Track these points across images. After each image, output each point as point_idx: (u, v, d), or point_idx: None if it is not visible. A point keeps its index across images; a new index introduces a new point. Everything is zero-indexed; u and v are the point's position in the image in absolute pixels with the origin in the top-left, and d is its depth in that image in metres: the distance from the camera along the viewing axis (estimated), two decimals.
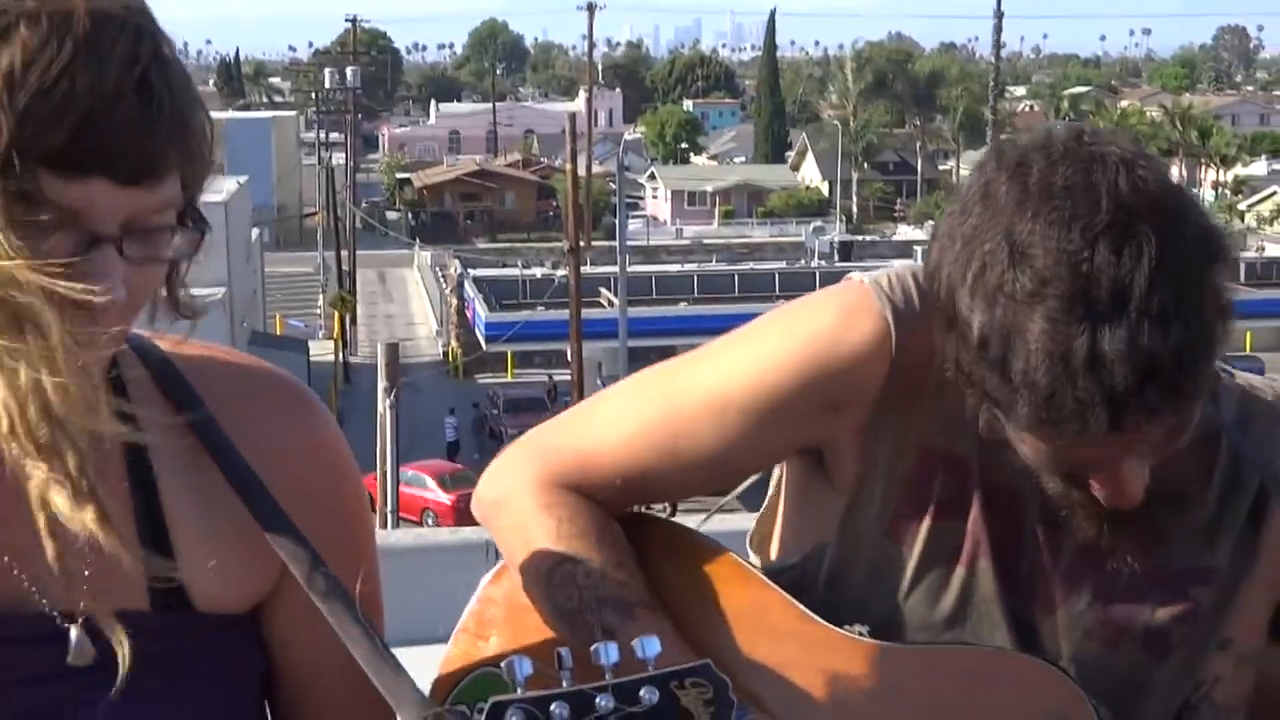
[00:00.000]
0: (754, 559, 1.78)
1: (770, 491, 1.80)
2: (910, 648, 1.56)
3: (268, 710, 1.44)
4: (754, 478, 1.75)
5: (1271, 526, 1.62)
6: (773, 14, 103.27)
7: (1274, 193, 72.70)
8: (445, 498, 30.37)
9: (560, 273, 39.87)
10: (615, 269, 33.61)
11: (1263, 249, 59.77)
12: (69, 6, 1.12)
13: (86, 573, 1.24)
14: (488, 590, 1.69)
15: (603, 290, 43.91)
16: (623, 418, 1.63)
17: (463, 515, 25.61)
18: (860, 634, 1.56)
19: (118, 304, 1.15)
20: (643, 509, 1.71)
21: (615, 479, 1.62)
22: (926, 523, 1.57)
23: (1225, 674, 1.63)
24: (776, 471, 1.77)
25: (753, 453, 1.62)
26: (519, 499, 1.63)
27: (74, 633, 1.23)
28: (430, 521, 28.67)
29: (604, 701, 1.12)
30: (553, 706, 1.11)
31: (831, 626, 1.56)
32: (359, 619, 1.27)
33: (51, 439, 1.11)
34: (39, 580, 1.24)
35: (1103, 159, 1.39)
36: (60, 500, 1.13)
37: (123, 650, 1.20)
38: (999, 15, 60.13)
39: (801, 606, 1.58)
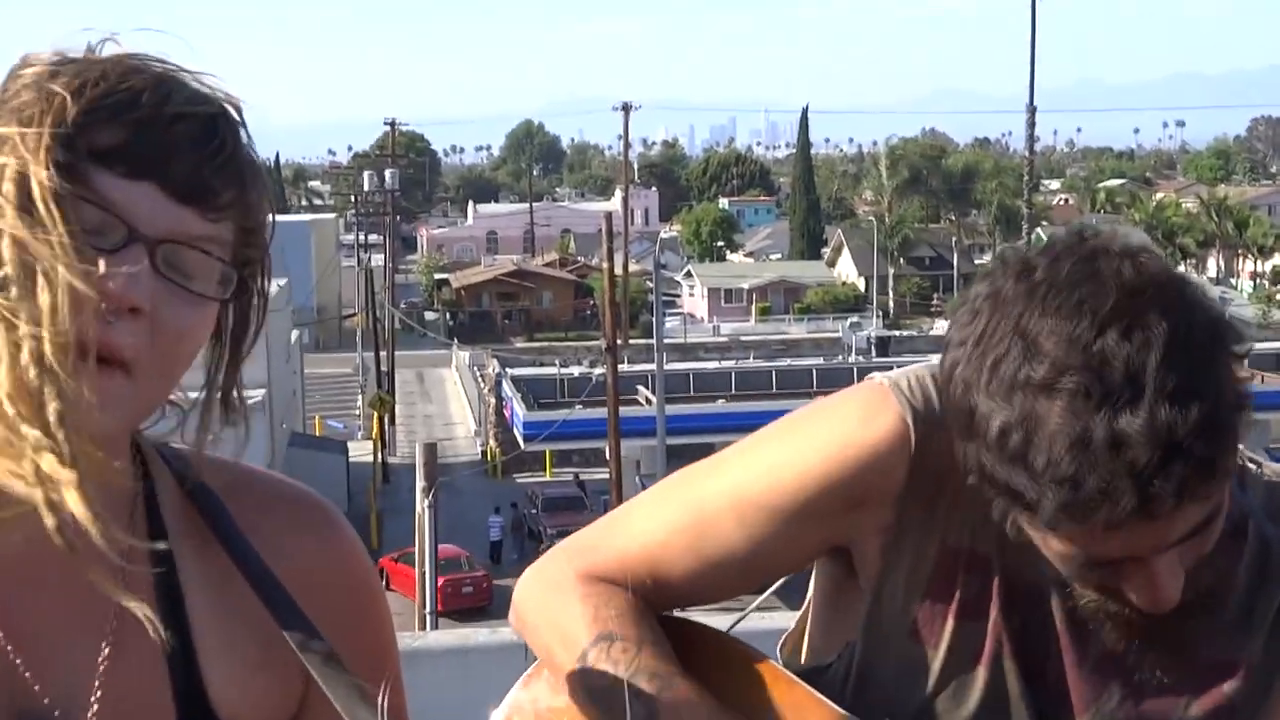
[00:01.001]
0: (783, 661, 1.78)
1: (808, 595, 1.80)
2: None
3: None
4: (786, 578, 1.75)
5: None
6: (805, 111, 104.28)
7: None
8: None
9: (598, 371, 39.90)
10: (653, 367, 33.71)
11: None
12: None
13: (97, 686, 1.23)
14: (517, 696, 1.68)
15: (640, 388, 43.95)
16: (653, 520, 1.65)
17: (447, 599, 26.60)
18: None
19: (142, 319, 1.16)
20: (677, 613, 1.71)
21: (647, 579, 1.63)
22: (950, 623, 1.57)
23: None
24: (813, 575, 1.77)
25: (778, 553, 1.63)
26: (555, 595, 1.64)
27: None
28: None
29: None
30: None
31: None
32: None
33: (40, 384, 1.10)
34: (61, 687, 1.23)
35: (1105, 251, 1.40)
36: (45, 464, 1.11)
37: None
38: (1031, 109, 60.42)
39: (835, 706, 1.57)
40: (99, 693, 1.24)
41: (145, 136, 1.17)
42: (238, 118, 1.24)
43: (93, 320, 1.12)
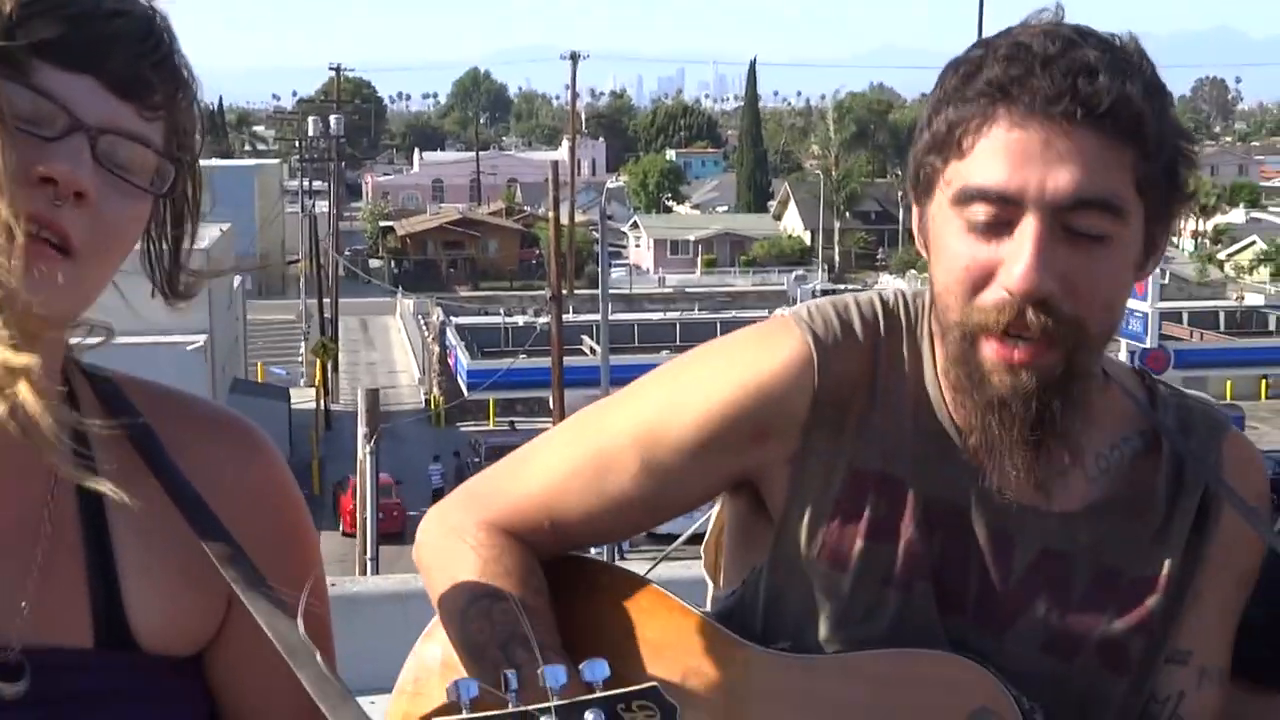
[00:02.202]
0: (710, 586, 1.81)
1: (711, 521, 1.82)
2: (828, 657, 1.57)
3: None
4: (703, 519, 1.76)
5: (1216, 536, 1.63)
6: (753, 64, 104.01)
7: (1253, 242, 73.15)
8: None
9: (542, 320, 39.83)
10: (598, 317, 33.60)
11: (1242, 298, 60.08)
12: None
13: (24, 605, 1.24)
14: (422, 648, 1.69)
15: (585, 338, 43.95)
16: (553, 461, 1.65)
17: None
18: (782, 649, 1.57)
19: (86, 205, 1.18)
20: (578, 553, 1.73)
21: (545, 521, 1.64)
22: (859, 544, 1.58)
23: (1189, 690, 1.64)
24: (717, 505, 1.78)
25: (683, 488, 1.63)
26: (452, 541, 1.65)
27: None
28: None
29: None
30: None
31: (752, 645, 1.58)
32: (306, 641, 1.24)
33: None
34: None
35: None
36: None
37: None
38: None
39: (721, 628, 1.60)
40: (25, 612, 1.25)
41: (83, 30, 1.18)
42: (167, 24, 1.26)
43: (31, 203, 1.14)
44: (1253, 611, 1.68)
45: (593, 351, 40.18)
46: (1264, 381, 47.31)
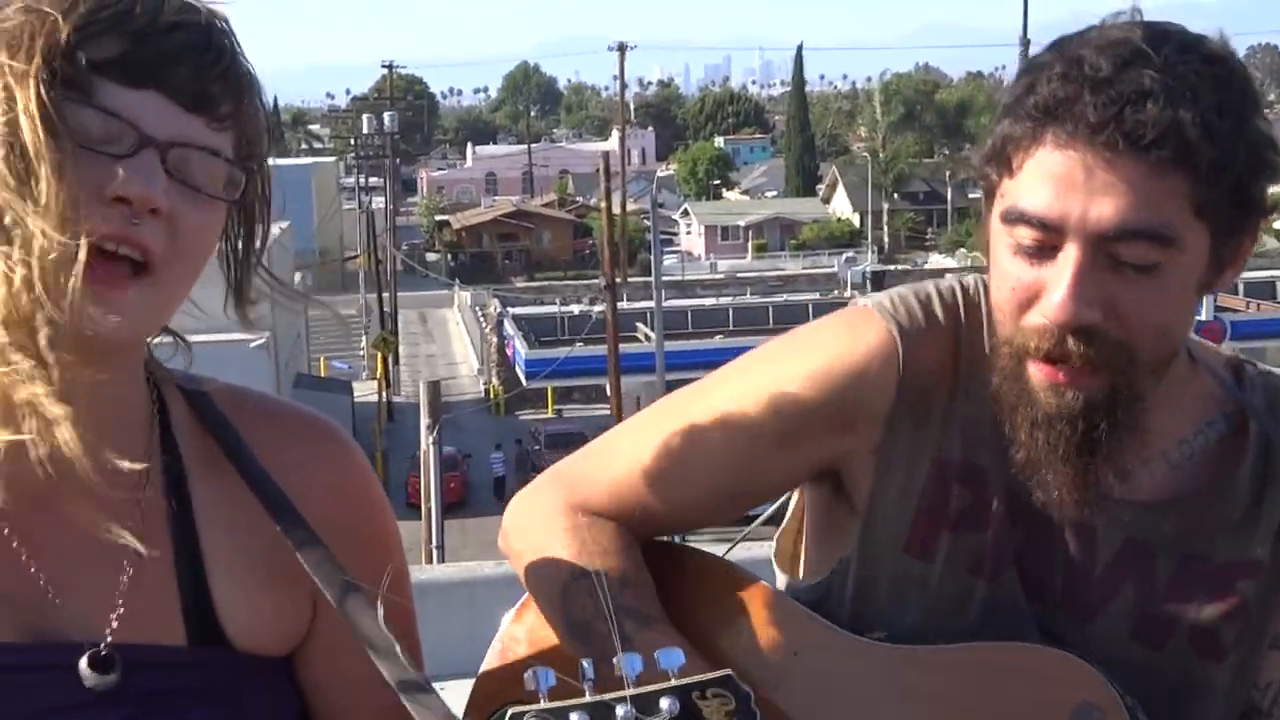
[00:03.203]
0: (780, 576, 1.79)
1: (789, 510, 1.80)
2: (929, 648, 1.55)
3: None
4: (776, 505, 1.74)
5: None
6: (799, 49, 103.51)
7: None
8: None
9: (597, 309, 39.84)
10: (651, 304, 33.62)
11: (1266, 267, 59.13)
12: None
13: (119, 603, 1.26)
14: (510, 629, 1.68)
15: (639, 325, 43.88)
16: (640, 447, 1.64)
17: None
18: (878, 639, 1.56)
19: (162, 220, 1.18)
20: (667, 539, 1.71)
21: (632, 507, 1.63)
22: (946, 536, 1.56)
23: None
24: (795, 496, 1.76)
25: (766, 476, 1.63)
26: (543, 524, 1.64)
27: (83, 663, 1.23)
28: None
29: (624, 711, 1.10)
30: (572, 716, 1.10)
31: (850, 634, 1.56)
32: (388, 635, 1.25)
33: (31, 310, 1.11)
34: (76, 611, 1.25)
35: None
36: (36, 396, 1.11)
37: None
38: (1025, 43, 60.03)
39: (820, 618, 1.58)
40: (120, 610, 1.26)
41: (145, 46, 1.17)
42: (228, 29, 1.25)
43: (108, 222, 1.14)
44: None
45: (647, 338, 40.13)
46: None
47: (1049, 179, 1.39)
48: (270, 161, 1.32)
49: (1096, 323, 1.40)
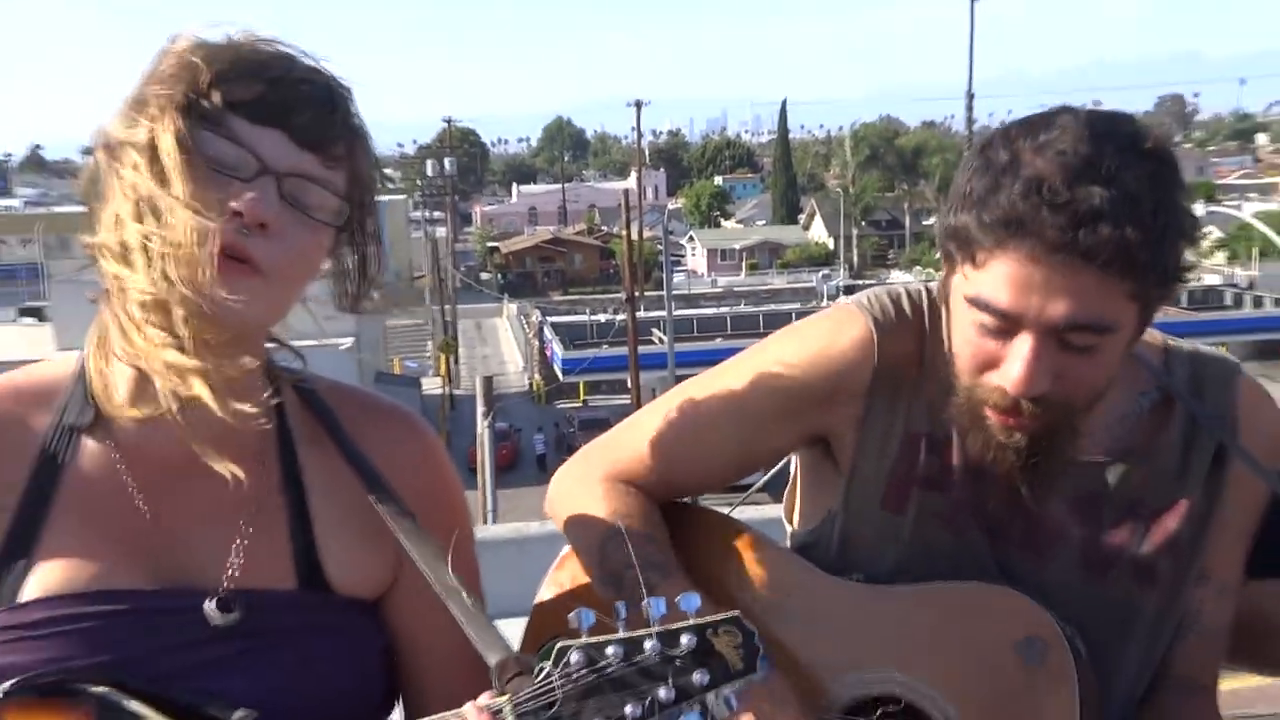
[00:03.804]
0: (786, 527, 1.79)
1: (792, 474, 1.81)
2: (896, 587, 1.56)
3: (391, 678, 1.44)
4: (773, 471, 1.76)
5: (1232, 476, 1.58)
6: (784, 104, 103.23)
7: (1210, 231, 71.62)
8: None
9: (620, 317, 39.79)
10: (664, 313, 33.56)
11: (1200, 279, 58.85)
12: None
13: (238, 556, 1.26)
14: (555, 575, 1.70)
15: (654, 330, 43.80)
16: (661, 426, 1.65)
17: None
18: (856, 580, 1.57)
19: (270, 234, 1.18)
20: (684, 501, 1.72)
21: (655, 474, 1.64)
22: (915, 494, 1.57)
23: (1207, 604, 1.60)
24: (795, 459, 1.78)
25: (768, 445, 1.63)
26: (583, 491, 1.65)
27: (210, 604, 1.24)
28: None
29: (651, 645, 1.13)
30: (609, 649, 1.12)
31: (831, 576, 1.57)
32: (456, 582, 1.27)
33: (167, 294, 1.13)
34: (199, 561, 1.26)
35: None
36: (170, 356, 1.14)
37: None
38: (970, 96, 59.94)
39: (805, 562, 1.59)
40: (240, 560, 1.27)
41: (277, 91, 1.20)
42: (347, 92, 1.27)
43: (223, 232, 1.15)
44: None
45: (661, 341, 40.05)
46: (1224, 348, 46.18)
47: (1011, 283, 1.37)
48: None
49: (1046, 391, 1.41)
